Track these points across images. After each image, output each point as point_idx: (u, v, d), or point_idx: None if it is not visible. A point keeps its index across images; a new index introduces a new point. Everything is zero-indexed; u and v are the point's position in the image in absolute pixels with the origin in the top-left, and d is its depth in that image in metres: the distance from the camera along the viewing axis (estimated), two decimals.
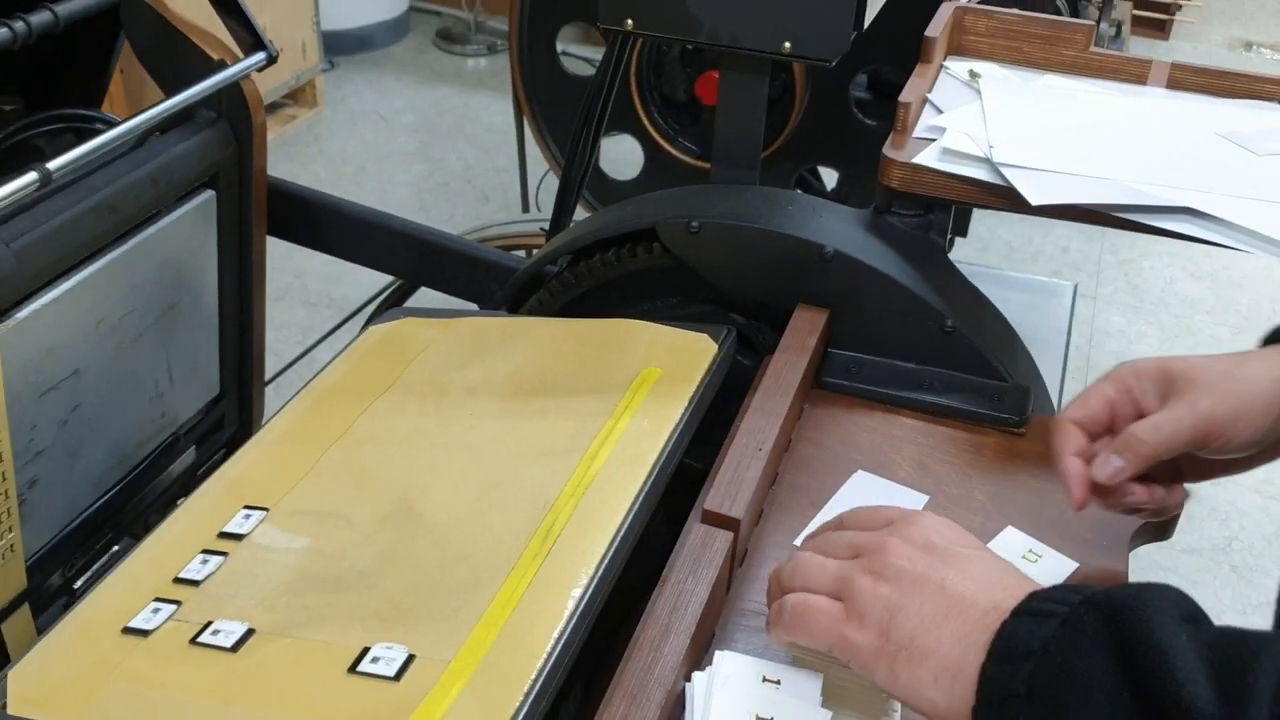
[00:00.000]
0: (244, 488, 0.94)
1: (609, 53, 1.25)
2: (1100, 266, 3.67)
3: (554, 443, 0.96)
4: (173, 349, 1.13)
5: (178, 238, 1.08)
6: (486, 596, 0.81)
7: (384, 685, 0.74)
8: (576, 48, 3.77)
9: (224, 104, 1.12)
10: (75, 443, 1.04)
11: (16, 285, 0.91)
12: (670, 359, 1.05)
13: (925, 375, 1.08)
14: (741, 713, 0.71)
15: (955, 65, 1.33)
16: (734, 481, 0.89)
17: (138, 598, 0.84)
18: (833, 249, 1.06)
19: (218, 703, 0.75)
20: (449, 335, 1.14)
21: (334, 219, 1.32)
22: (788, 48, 1.07)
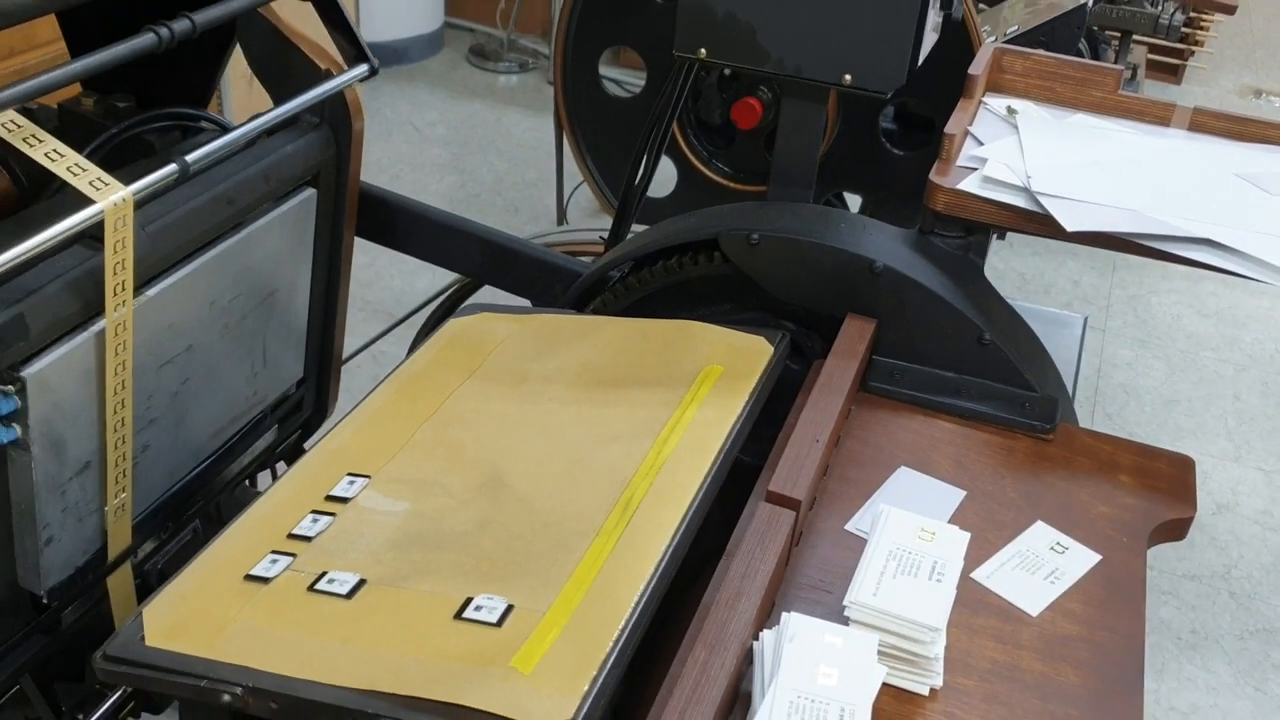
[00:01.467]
0: (345, 458, 1.04)
1: (676, 77, 1.35)
2: (1110, 301, 3.77)
3: (627, 427, 1.06)
4: (268, 333, 1.22)
5: (282, 230, 1.18)
6: (575, 557, 0.90)
7: (487, 630, 0.83)
8: (607, 69, 3.88)
9: (327, 110, 1.22)
10: (182, 413, 1.13)
11: (149, 265, 1.01)
12: (730, 358, 1.14)
13: (962, 383, 1.17)
14: (807, 664, 0.80)
15: (994, 102, 1.42)
16: (794, 467, 0.98)
17: (255, 550, 0.93)
18: (882, 264, 1.16)
19: (337, 641, 0.84)
20: (525, 329, 1.23)
21: (412, 220, 1.41)
22: (848, 79, 1.17)
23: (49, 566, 1.02)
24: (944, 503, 1.06)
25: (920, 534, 0.93)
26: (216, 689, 0.81)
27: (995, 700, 0.88)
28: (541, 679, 0.78)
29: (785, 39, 1.16)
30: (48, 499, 0.98)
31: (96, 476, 1.03)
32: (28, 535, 0.99)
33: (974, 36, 2.41)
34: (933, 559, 0.90)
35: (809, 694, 0.78)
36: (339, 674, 0.80)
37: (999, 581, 0.98)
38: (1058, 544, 1.03)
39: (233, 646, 0.83)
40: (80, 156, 0.93)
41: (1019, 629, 0.94)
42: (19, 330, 0.90)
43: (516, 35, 5.04)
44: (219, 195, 1.08)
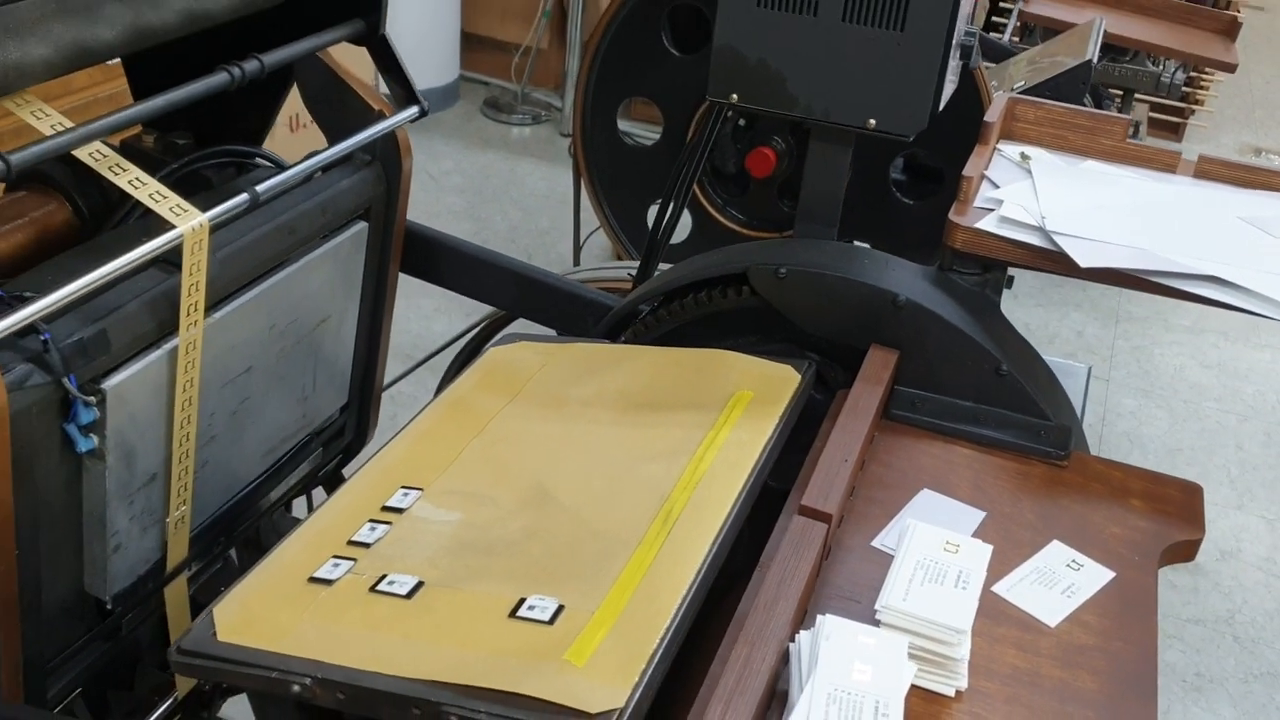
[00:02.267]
0: (398, 472, 1.10)
1: (707, 120, 1.42)
2: (1113, 351, 3.83)
3: (664, 446, 1.11)
4: (319, 358, 1.28)
5: (335, 261, 1.24)
6: (619, 564, 0.95)
7: (540, 628, 0.89)
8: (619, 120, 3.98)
9: (379, 149, 1.29)
10: (239, 432, 1.19)
11: (217, 289, 1.07)
12: (760, 384, 1.20)
13: (980, 412, 1.23)
14: (843, 661, 0.86)
15: (1007, 148, 1.50)
16: (825, 484, 1.04)
17: (317, 555, 0.99)
18: (905, 298, 1.22)
19: (398, 637, 0.89)
20: (562, 357, 1.29)
21: (451, 255, 1.48)
22: (872, 124, 1.24)
23: (115, 573, 1.07)
24: (965, 522, 1.11)
25: (945, 546, 0.98)
26: (286, 680, 0.86)
27: (1017, 702, 0.93)
28: (594, 671, 0.84)
29: (813, 85, 1.24)
30: (118, 507, 1.04)
31: (161, 488, 1.08)
32: (97, 542, 1.04)
33: (983, 90, 2.50)
34: (958, 569, 0.96)
35: (845, 688, 0.83)
36: (402, 666, 0.85)
37: (1018, 594, 1.04)
38: (1073, 561, 1.08)
39: (300, 641, 0.89)
40: (160, 184, 1.00)
41: (1038, 638, 1.00)
42: (102, 345, 0.96)
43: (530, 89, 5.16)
44: (281, 225, 1.15)
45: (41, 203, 1.20)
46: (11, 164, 0.89)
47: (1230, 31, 3.47)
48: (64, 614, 1.06)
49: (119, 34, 1.01)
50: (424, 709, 0.83)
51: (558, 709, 0.81)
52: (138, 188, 0.99)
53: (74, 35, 0.97)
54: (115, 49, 1.02)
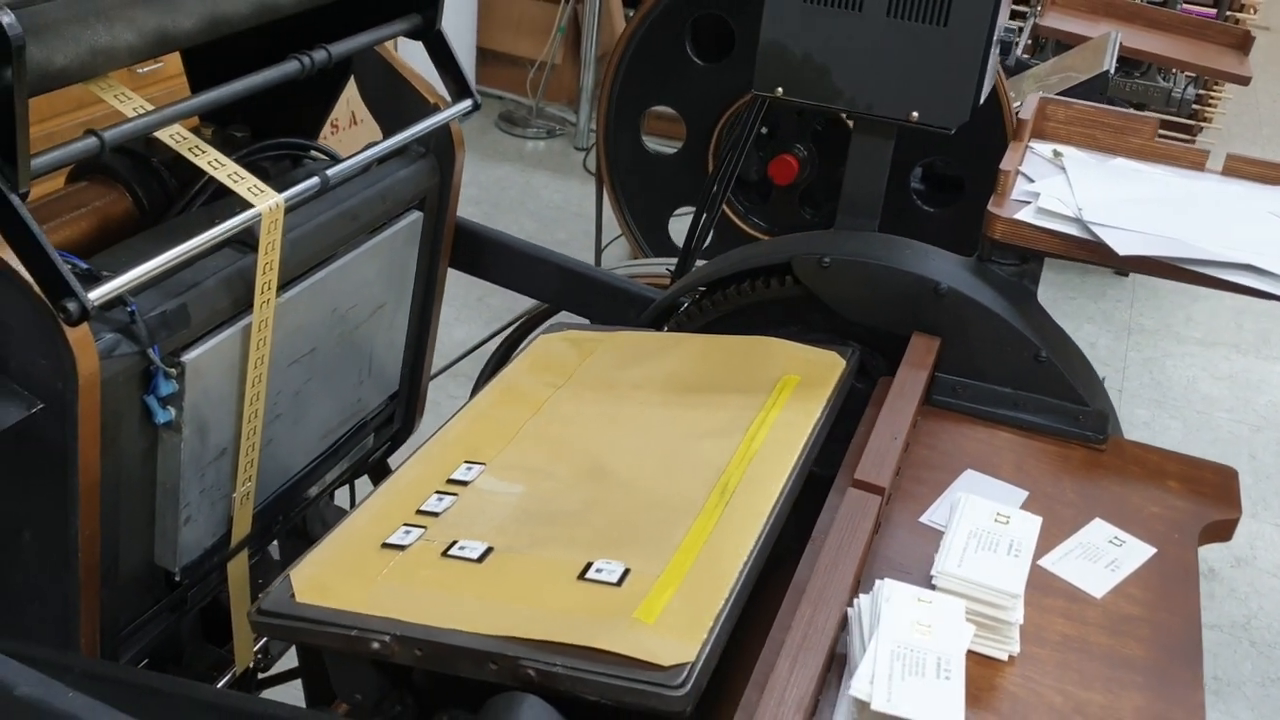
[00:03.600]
0: (459, 448, 1.13)
1: (746, 116, 1.46)
2: (1126, 363, 3.86)
3: (716, 426, 1.15)
4: (374, 345, 1.32)
5: (393, 248, 1.28)
6: (680, 532, 0.98)
7: (608, 589, 0.92)
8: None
9: (433, 141, 1.33)
10: (301, 412, 1.22)
11: (287, 270, 1.10)
12: (806, 369, 1.24)
13: (1019, 398, 1.26)
14: (904, 621, 0.89)
15: (1038, 146, 1.54)
16: (877, 459, 1.07)
17: (387, 523, 1.02)
18: (947, 286, 1.26)
19: (472, 597, 0.92)
20: (610, 343, 1.33)
21: (496, 248, 1.52)
22: (915, 116, 1.28)
23: (184, 546, 1.10)
24: (1008, 501, 1.14)
25: (997, 518, 1.01)
26: (366, 637, 0.89)
27: (1067, 667, 0.96)
28: (664, 628, 0.87)
29: (857, 78, 1.27)
30: (190, 480, 1.07)
31: (230, 463, 1.12)
32: (170, 513, 1.07)
33: (1003, 100, 2.54)
34: (1009, 538, 0.99)
35: (908, 645, 0.86)
36: (477, 624, 0.88)
37: (1064, 568, 1.07)
38: (1115, 538, 1.11)
39: (376, 602, 0.92)
40: (238, 166, 1.04)
41: (1085, 609, 1.03)
42: (182, 319, 1.00)
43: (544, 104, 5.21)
44: (345, 211, 1.18)
45: (103, 193, 1.24)
46: (106, 140, 0.92)
47: (1243, 46, 3.52)
48: (134, 584, 1.09)
49: (196, 23, 1.05)
50: (501, 664, 0.86)
51: (632, 662, 0.84)
52: (217, 168, 1.02)
53: (157, 22, 1.01)
54: (193, 36, 1.05)
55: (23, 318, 0.88)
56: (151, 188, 1.25)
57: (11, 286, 0.87)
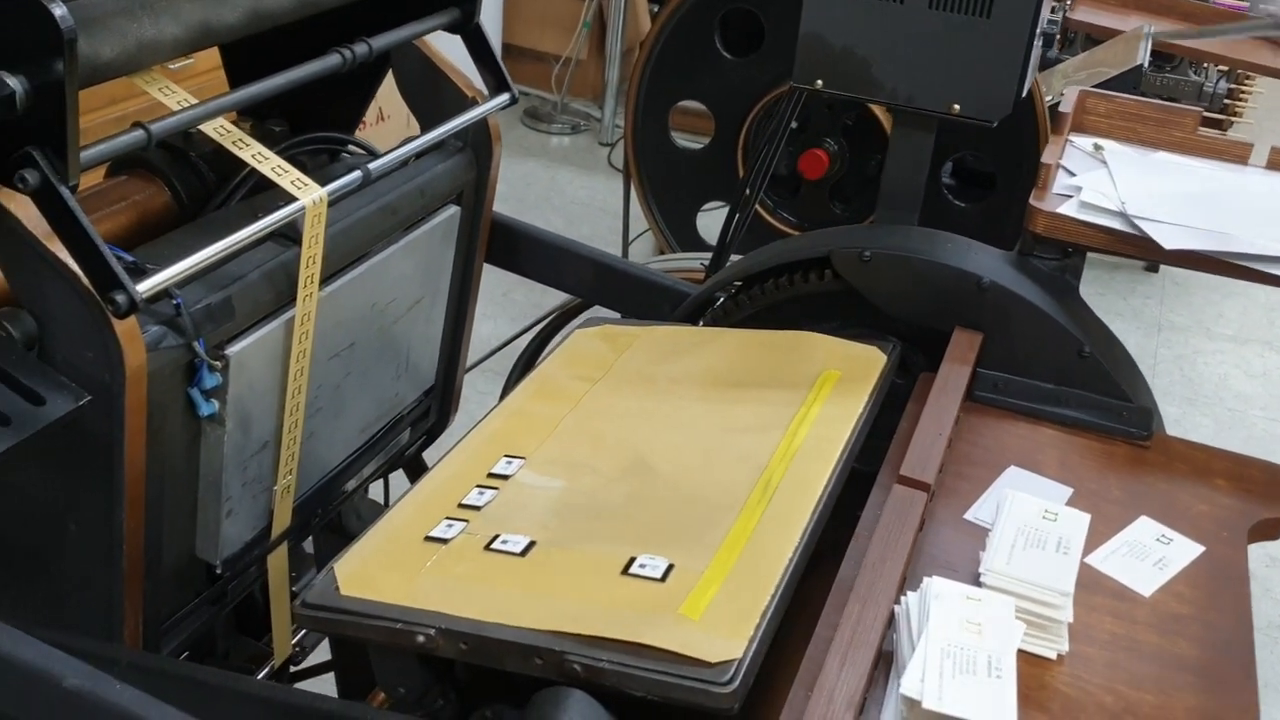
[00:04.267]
0: (499, 443, 1.13)
1: (782, 109, 1.45)
2: (1156, 360, 3.83)
3: (756, 421, 1.14)
4: (412, 339, 1.31)
5: (431, 242, 1.28)
6: (724, 528, 0.98)
7: (652, 584, 0.91)
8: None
9: (470, 135, 1.33)
10: (340, 405, 1.22)
11: (328, 264, 1.10)
12: (847, 364, 1.23)
13: (1063, 394, 1.25)
14: (953, 619, 0.88)
15: (1078, 140, 1.52)
16: (922, 456, 1.07)
17: (431, 516, 1.02)
18: (989, 280, 1.25)
19: (517, 591, 0.92)
20: (647, 338, 1.32)
21: (531, 243, 1.51)
22: (956, 109, 1.27)
23: (225, 538, 1.10)
24: (1053, 498, 1.13)
25: (1044, 515, 1.00)
26: (410, 631, 0.88)
27: (1117, 667, 0.95)
28: (709, 624, 0.86)
29: (898, 71, 1.26)
30: (233, 473, 1.07)
31: (271, 456, 1.12)
32: (212, 506, 1.07)
33: (1036, 95, 2.53)
34: (1057, 535, 0.98)
35: (958, 643, 0.85)
36: (522, 618, 0.88)
37: (1111, 566, 1.05)
38: (1162, 536, 1.10)
39: (421, 595, 0.91)
40: (281, 159, 1.04)
41: (1133, 607, 1.01)
42: (227, 312, 1.00)
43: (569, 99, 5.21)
44: (385, 205, 1.18)
45: (143, 187, 1.24)
46: (152, 133, 0.92)
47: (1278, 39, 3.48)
48: (176, 577, 1.10)
49: (239, 16, 1.05)
50: (547, 658, 0.85)
51: (678, 658, 0.83)
52: (260, 162, 1.02)
53: (202, 15, 1.01)
54: (236, 30, 1.05)
55: (71, 310, 0.88)
56: (190, 182, 1.25)
57: (60, 279, 0.87)
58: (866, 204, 2.80)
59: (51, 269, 0.87)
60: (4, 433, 0.83)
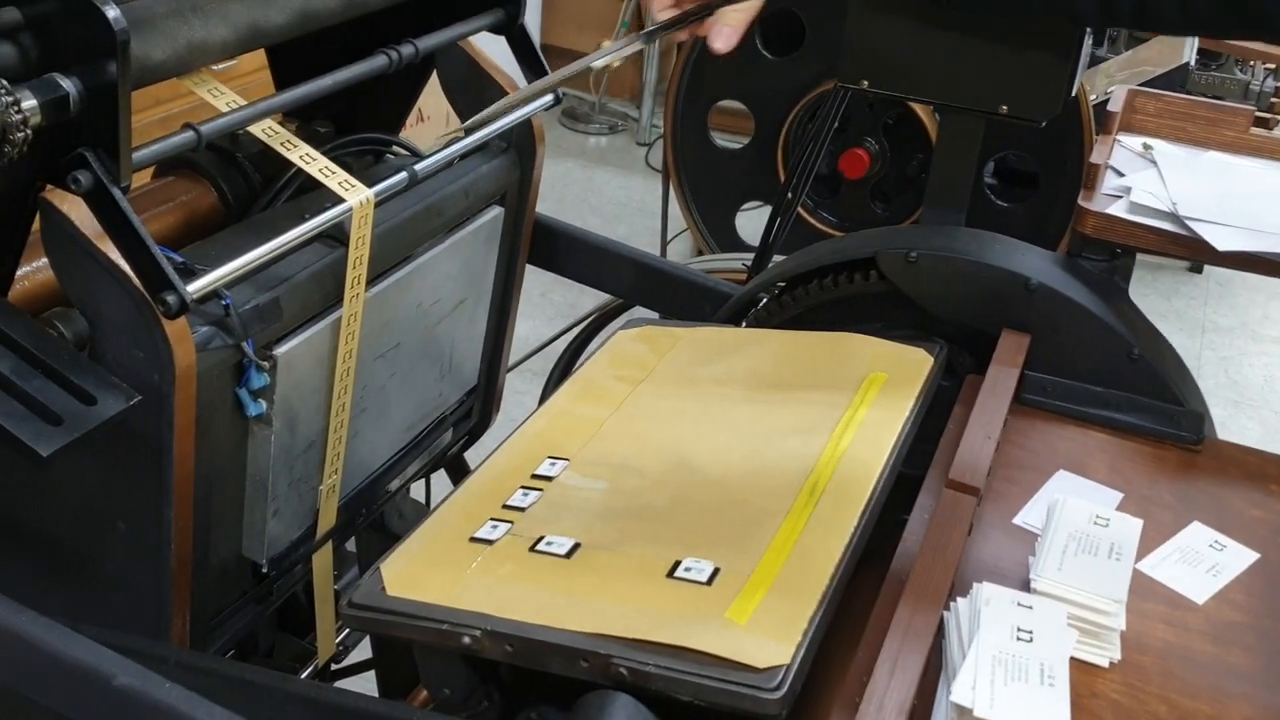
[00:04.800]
0: (543, 444, 1.12)
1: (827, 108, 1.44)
2: (1200, 362, 3.78)
3: (802, 423, 1.13)
4: (455, 339, 1.32)
5: (475, 243, 1.28)
6: (770, 531, 0.97)
7: (698, 588, 0.91)
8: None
9: (514, 135, 1.33)
10: (385, 405, 1.22)
11: (374, 265, 1.11)
12: (893, 366, 1.22)
13: (1112, 397, 1.23)
14: (1004, 625, 0.87)
15: (1126, 139, 1.50)
16: (971, 460, 1.05)
17: (475, 517, 1.02)
18: (1037, 281, 1.23)
19: (562, 593, 0.91)
20: (690, 339, 1.32)
21: (572, 243, 1.51)
22: (1004, 109, 1.25)
23: (271, 537, 1.11)
24: (1103, 502, 1.12)
25: (1096, 520, 0.99)
26: (456, 632, 0.88)
27: (1170, 675, 0.93)
28: (757, 628, 0.85)
29: (945, 70, 1.25)
30: (279, 473, 1.07)
31: (317, 456, 1.12)
32: (259, 506, 1.08)
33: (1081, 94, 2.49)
34: (1109, 541, 0.97)
35: (1010, 651, 0.84)
36: (568, 620, 0.88)
37: (1163, 572, 1.04)
38: (1216, 542, 1.08)
39: (467, 596, 0.91)
40: (329, 160, 1.04)
41: (1187, 615, 1.00)
42: (275, 313, 1.00)
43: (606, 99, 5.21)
44: (430, 206, 1.18)
45: (190, 187, 1.25)
46: (202, 134, 0.93)
47: None
48: (223, 576, 1.10)
49: (287, 18, 1.06)
50: (592, 661, 0.85)
51: (725, 663, 0.83)
52: (308, 163, 1.03)
53: (250, 17, 1.01)
54: (284, 31, 1.06)
55: (121, 310, 0.89)
56: (236, 182, 1.26)
57: (111, 279, 0.88)
58: (907, 204, 2.78)
59: (103, 269, 0.88)
60: (56, 432, 0.84)
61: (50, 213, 0.88)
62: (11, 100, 0.79)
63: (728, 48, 0.99)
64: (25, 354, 0.87)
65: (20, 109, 0.80)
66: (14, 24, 0.84)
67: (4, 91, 0.79)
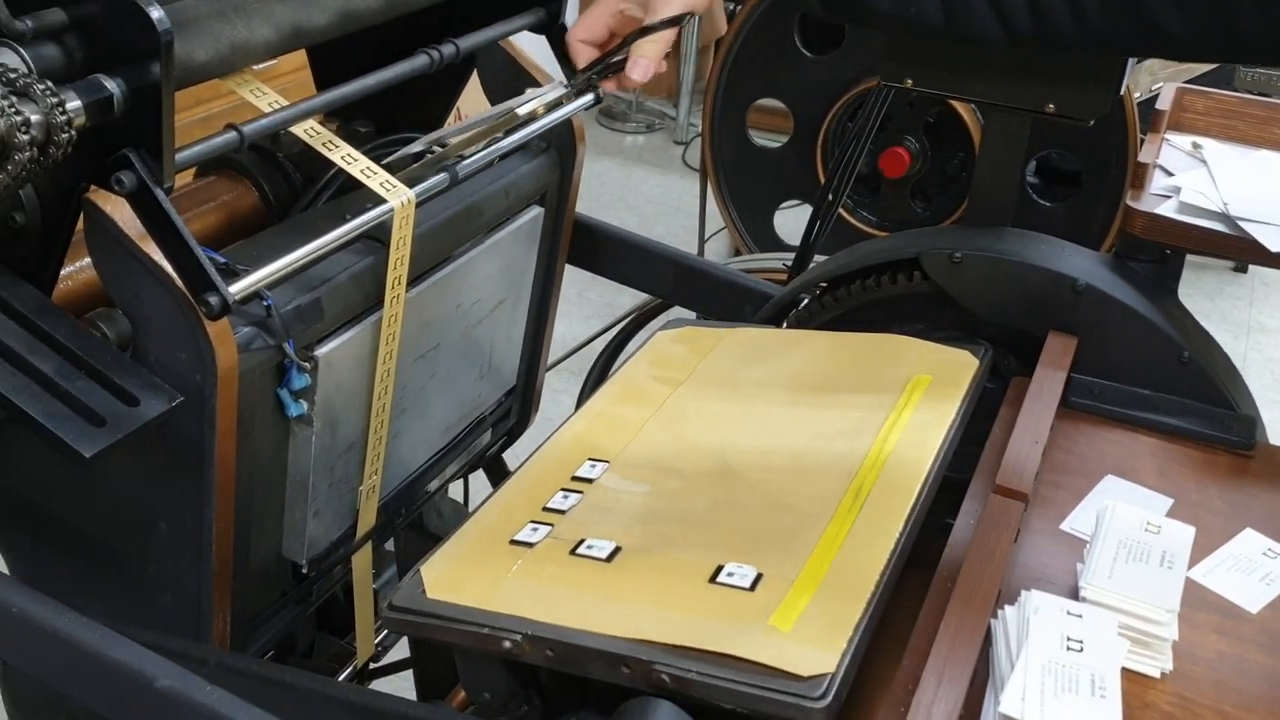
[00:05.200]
0: (583, 445, 1.12)
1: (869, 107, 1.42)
2: (1245, 363, 3.72)
3: (845, 426, 1.12)
4: (495, 340, 1.31)
5: (514, 243, 1.27)
6: (814, 536, 0.96)
7: (741, 594, 0.90)
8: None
9: (555, 135, 1.32)
10: (425, 406, 1.22)
11: (415, 265, 1.10)
12: (938, 368, 1.20)
13: (1161, 400, 1.21)
14: (1054, 634, 0.85)
15: (1175, 138, 1.47)
16: (1018, 465, 1.04)
17: (515, 520, 1.01)
18: (1084, 283, 1.21)
19: (603, 598, 0.91)
20: (731, 340, 1.30)
21: (611, 243, 1.50)
22: (1051, 108, 1.23)
23: (312, 538, 1.11)
24: (1153, 508, 1.09)
25: (1147, 527, 0.97)
26: (497, 635, 0.88)
27: (1224, 686, 0.91)
28: (801, 636, 0.84)
29: (991, 68, 1.23)
30: (320, 474, 1.07)
31: (358, 457, 1.12)
32: (299, 507, 1.08)
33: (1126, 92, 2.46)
34: (1161, 549, 0.95)
35: (1059, 661, 0.83)
36: (609, 625, 0.87)
37: (1216, 580, 1.02)
38: (1269, 550, 1.06)
39: (507, 600, 0.91)
40: (370, 161, 1.04)
41: (1240, 624, 0.98)
42: (316, 313, 1.00)
43: (643, 98, 5.20)
44: (470, 206, 1.18)
45: (231, 187, 1.25)
46: (245, 135, 0.93)
47: None
48: (263, 577, 1.10)
49: (330, 18, 1.05)
50: (634, 667, 0.84)
51: (769, 671, 0.81)
52: (350, 163, 1.02)
53: (293, 17, 1.01)
54: (326, 31, 1.06)
55: (164, 311, 0.89)
56: (277, 182, 1.26)
57: (154, 280, 0.88)
58: (948, 202, 2.75)
59: (145, 270, 0.88)
60: (98, 433, 0.84)
61: (94, 213, 0.89)
62: (56, 102, 0.79)
63: (645, 78, 1.01)
64: (69, 354, 0.87)
65: (65, 110, 0.80)
66: (59, 25, 0.84)
67: (49, 93, 0.79)
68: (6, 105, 0.77)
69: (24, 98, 0.79)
